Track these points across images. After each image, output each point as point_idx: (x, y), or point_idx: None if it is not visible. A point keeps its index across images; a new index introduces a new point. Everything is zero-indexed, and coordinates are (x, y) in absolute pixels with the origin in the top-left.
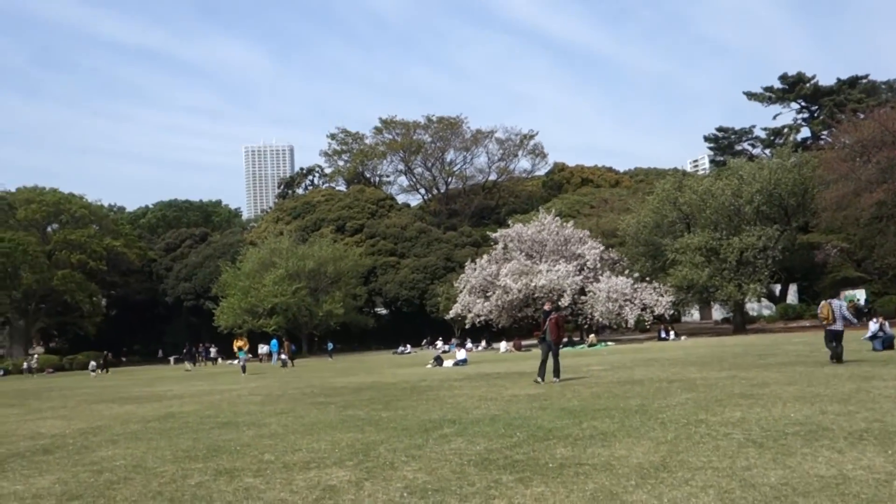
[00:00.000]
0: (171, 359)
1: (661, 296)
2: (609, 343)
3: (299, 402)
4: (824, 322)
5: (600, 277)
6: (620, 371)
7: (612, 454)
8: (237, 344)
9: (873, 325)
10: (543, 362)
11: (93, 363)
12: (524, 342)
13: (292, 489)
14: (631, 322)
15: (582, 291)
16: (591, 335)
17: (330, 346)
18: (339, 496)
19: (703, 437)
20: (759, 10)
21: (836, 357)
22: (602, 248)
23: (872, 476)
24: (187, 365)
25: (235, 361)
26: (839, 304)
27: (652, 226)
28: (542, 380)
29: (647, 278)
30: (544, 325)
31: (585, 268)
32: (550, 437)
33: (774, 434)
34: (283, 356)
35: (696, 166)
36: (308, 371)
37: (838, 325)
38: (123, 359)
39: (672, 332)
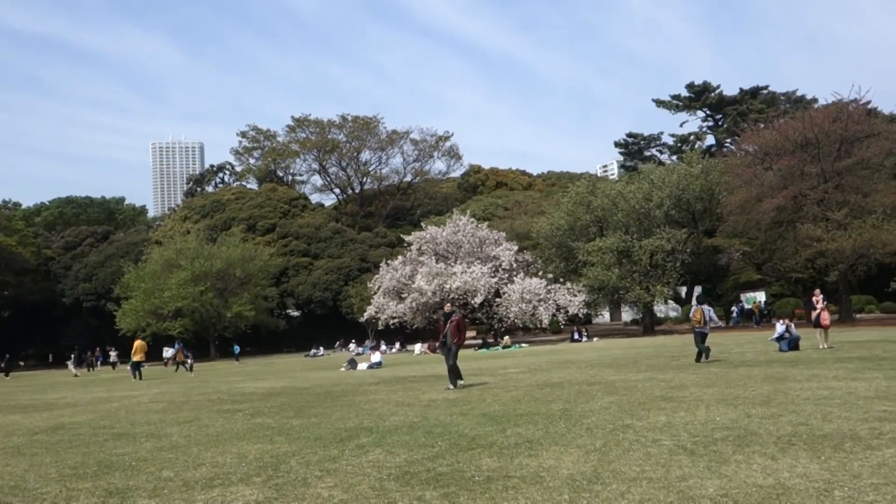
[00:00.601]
0: (70, 363)
1: (575, 296)
2: (523, 344)
3: (204, 410)
4: (696, 325)
5: (515, 279)
6: (538, 374)
7: (541, 464)
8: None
9: (780, 327)
10: (451, 366)
11: None
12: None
13: None
14: (545, 322)
15: (497, 293)
16: (506, 337)
17: (237, 349)
18: None
19: (633, 443)
20: (667, 22)
21: (704, 354)
22: (516, 249)
23: (811, 485)
24: (73, 369)
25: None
26: (709, 310)
27: (565, 228)
28: (455, 386)
29: (561, 279)
30: (444, 328)
31: (500, 269)
32: (474, 445)
33: (704, 440)
34: (188, 360)
35: (606, 171)
36: (215, 375)
37: (707, 328)
38: (21, 363)
39: (585, 334)
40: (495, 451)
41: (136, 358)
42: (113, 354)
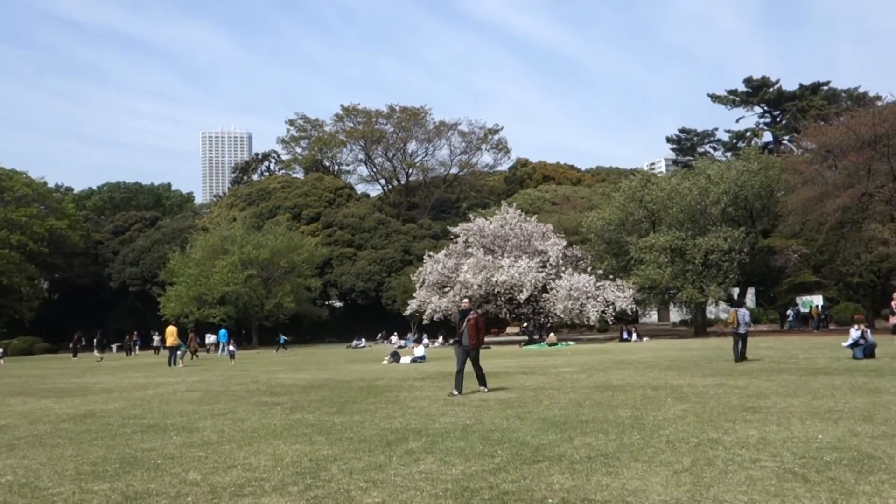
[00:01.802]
0: (114, 346)
1: (623, 291)
2: (570, 343)
3: (241, 402)
4: (731, 326)
5: (563, 274)
6: (594, 374)
7: (624, 486)
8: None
9: (854, 332)
10: (460, 371)
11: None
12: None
13: None
14: (593, 320)
15: (544, 289)
16: (552, 334)
17: (282, 339)
18: None
19: (728, 463)
20: (722, 18)
21: (740, 356)
22: (565, 244)
23: None
24: (96, 354)
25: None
26: (744, 313)
27: (617, 223)
28: (459, 392)
29: (611, 276)
30: (461, 326)
31: (548, 264)
32: (540, 457)
33: (813, 463)
34: (230, 347)
35: (654, 168)
36: (256, 364)
37: (740, 329)
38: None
39: (634, 333)
40: (566, 466)
41: (170, 343)
42: (156, 339)
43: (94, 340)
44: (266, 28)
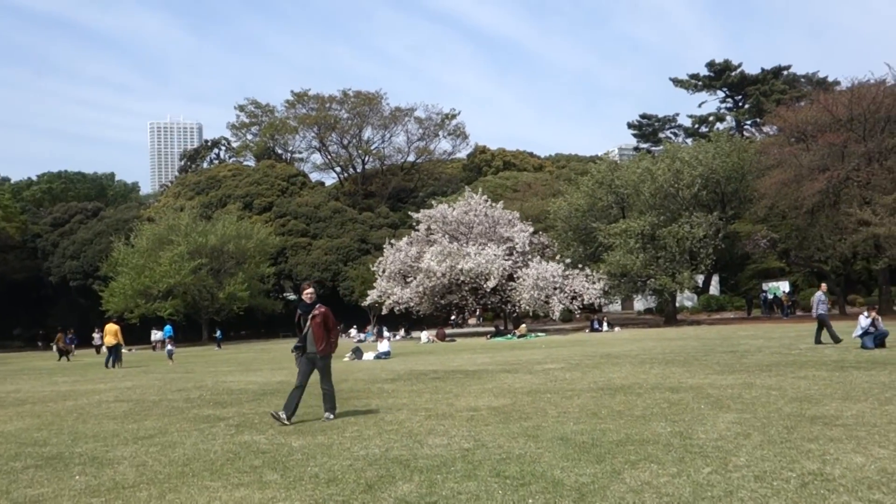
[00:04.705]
0: (41, 344)
1: (593, 283)
2: (540, 334)
3: (176, 417)
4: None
5: (530, 263)
6: (588, 372)
7: None
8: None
9: (864, 320)
10: (300, 388)
11: None
12: (449, 331)
13: None
14: (557, 313)
15: (510, 278)
16: (522, 325)
17: (220, 334)
18: None
19: None
20: (673, 10)
21: (815, 338)
22: (532, 231)
23: None
24: None
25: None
26: (818, 296)
27: (584, 209)
28: (289, 419)
29: (579, 265)
30: (304, 326)
31: (515, 252)
32: None
33: None
34: (169, 347)
35: (610, 157)
36: (203, 364)
37: (813, 313)
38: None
39: (605, 323)
40: None
41: (108, 342)
42: (97, 337)
43: None
44: (217, 15)
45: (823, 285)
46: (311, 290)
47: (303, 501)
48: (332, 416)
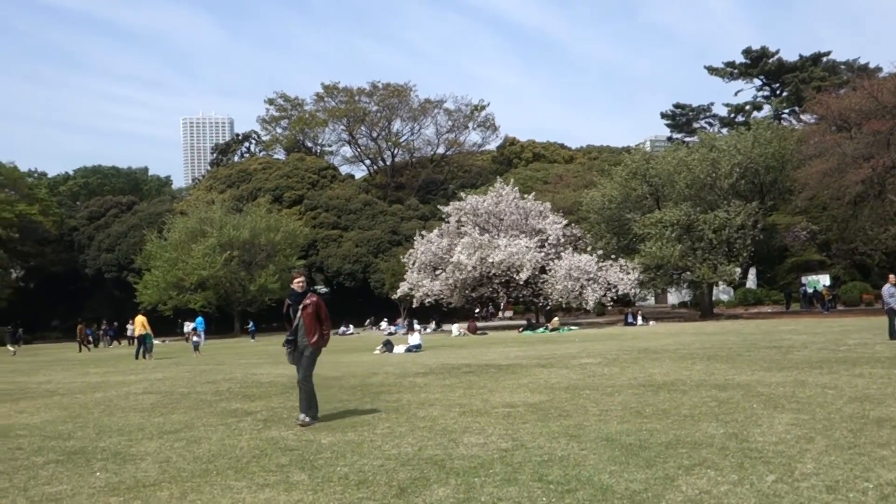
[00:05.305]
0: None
1: (627, 273)
2: (572, 327)
3: (203, 410)
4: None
5: (562, 254)
6: (626, 367)
7: None
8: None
9: None
10: (303, 390)
11: None
12: (480, 324)
13: None
14: (591, 304)
15: (543, 270)
16: (555, 318)
17: (253, 326)
18: None
19: None
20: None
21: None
22: (564, 223)
23: None
24: (10, 347)
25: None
26: (888, 289)
27: (619, 200)
28: (314, 417)
29: (613, 256)
30: (294, 318)
31: (547, 244)
32: None
33: None
34: (195, 338)
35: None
36: (233, 356)
37: (885, 306)
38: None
39: (640, 317)
40: None
41: (138, 333)
42: (130, 329)
43: (8, 331)
44: (247, 10)
45: (892, 276)
46: (301, 278)
47: (329, 500)
48: (308, 420)
